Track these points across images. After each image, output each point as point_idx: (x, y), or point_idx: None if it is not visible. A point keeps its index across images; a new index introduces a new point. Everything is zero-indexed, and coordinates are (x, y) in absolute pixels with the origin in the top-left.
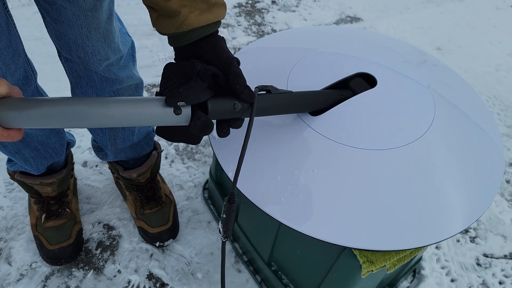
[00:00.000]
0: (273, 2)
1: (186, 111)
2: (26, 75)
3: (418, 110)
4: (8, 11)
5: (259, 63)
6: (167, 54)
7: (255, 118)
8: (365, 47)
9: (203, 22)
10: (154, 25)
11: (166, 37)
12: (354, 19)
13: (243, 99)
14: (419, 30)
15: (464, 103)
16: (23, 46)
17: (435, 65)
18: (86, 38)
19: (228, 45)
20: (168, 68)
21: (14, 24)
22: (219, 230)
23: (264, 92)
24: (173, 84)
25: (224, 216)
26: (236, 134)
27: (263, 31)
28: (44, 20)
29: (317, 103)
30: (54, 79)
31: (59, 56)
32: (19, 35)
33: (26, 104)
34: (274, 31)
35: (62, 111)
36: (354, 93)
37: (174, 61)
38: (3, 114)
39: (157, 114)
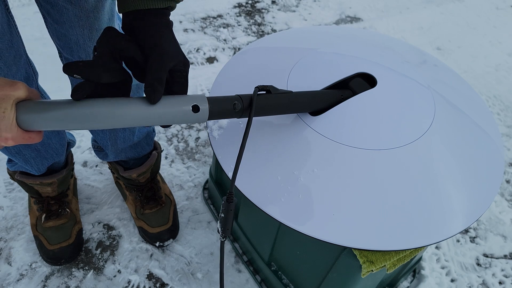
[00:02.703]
0: (273, 2)
1: (204, 110)
2: (28, 76)
3: (418, 110)
4: (10, 12)
5: (259, 63)
6: None
7: (255, 118)
8: (365, 47)
9: None
10: None
11: None
12: (354, 19)
13: (146, 94)
14: (419, 30)
15: (464, 103)
16: (24, 47)
17: (435, 65)
18: (87, 39)
19: (228, 45)
20: (105, 30)
21: (15, 25)
22: (218, 230)
23: (264, 92)
24: (100, 45)
25: (223, 215)
26: (236, 134)
27: (263, 31)
28: (45, 21)
29: (317, 103)
30: (54, 79)
31: (60, 56)
32: (20, 36)
33: (47, 106)
34: (274, 31)
35: (84, 113)
36: (354, 93)
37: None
38: (23, 116)
39: (174, 112)
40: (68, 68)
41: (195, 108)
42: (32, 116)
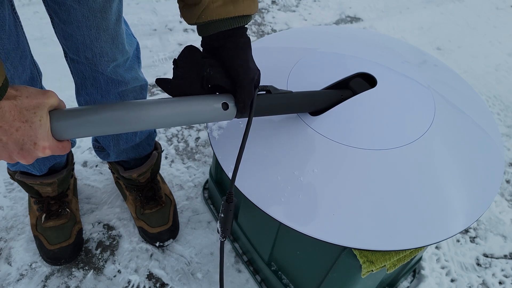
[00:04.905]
0: (273, 2)
1: (232, 107)
2: (32, 76)
3: (418, 110)
4: (16, 13)
5: (259, 63)
6: (167, 54)
7: (255, 118)
8: (365, 47)
9: (222, 15)
10: (181, 14)
11: (165, 37)
12: (354, 19)
13: (237, 110)
14: (419, 30)
15: (464, 103)
16: (29, 47)
17: (435, 65)
18: (94, 39)
19: None
20: (188, 49)
21: (21, 25)
22: (218, 230)
23: (264, 92)
24: (182, 64)
25: (222, 215)
26: (236, 134)
27: (263, 31)
28: (52, 21)
29: (317, 103)
30: (54, 79)
31: (65, 57)
32: (26, 37)
33: (80, 113)
34: (274, 31)
35: (117, 116)
36: (354, 93)
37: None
38: (57, 124)
39: (206, 110)
40: (158, 83)
41: (225, 105)
42: (67, 123)
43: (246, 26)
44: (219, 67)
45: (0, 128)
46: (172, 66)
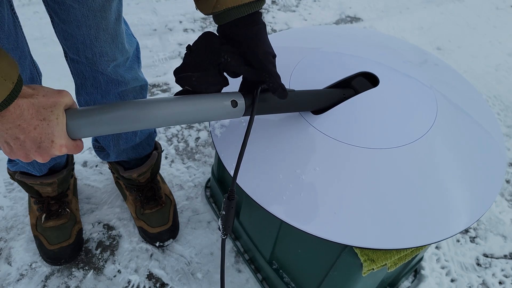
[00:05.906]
0: (273, 2)
1: (241, 104)
2: (32, 76)
3: (420, 110)
4: (15, 13)
5: None
6: (167, 54)
7: (257, 116)
8: (366, 47)
9: (237, 1)
10: (196, 6)
11: (165, 37)
12: (354, 19)
13: (277, 96)
14: (419, 30)
15: (466, 103)
16: (28, 48)
17: (436, 64)
18: (94, 39)
19: None
20: (206, 35)
21: (20, 25)
22: (219, 227)
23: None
24: (198, 53)
25: (224, 213)
26: (238, 132)
27: None
28: (52, 21)
29: (319, 102)
30: (54, 79)
31: (66, 57)
32: (25, 37)
33: (93, 112)
34: (274, 31)
35: (131, 115)
36: (356, 92)
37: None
38: (73, 123)
39: (216, 108)
40: (180, 81)
41: (234, 103)
42: (82, 122)
43: (260, 11)
44: (237, 54)
45: (18, 127)
46: (179, 64)
